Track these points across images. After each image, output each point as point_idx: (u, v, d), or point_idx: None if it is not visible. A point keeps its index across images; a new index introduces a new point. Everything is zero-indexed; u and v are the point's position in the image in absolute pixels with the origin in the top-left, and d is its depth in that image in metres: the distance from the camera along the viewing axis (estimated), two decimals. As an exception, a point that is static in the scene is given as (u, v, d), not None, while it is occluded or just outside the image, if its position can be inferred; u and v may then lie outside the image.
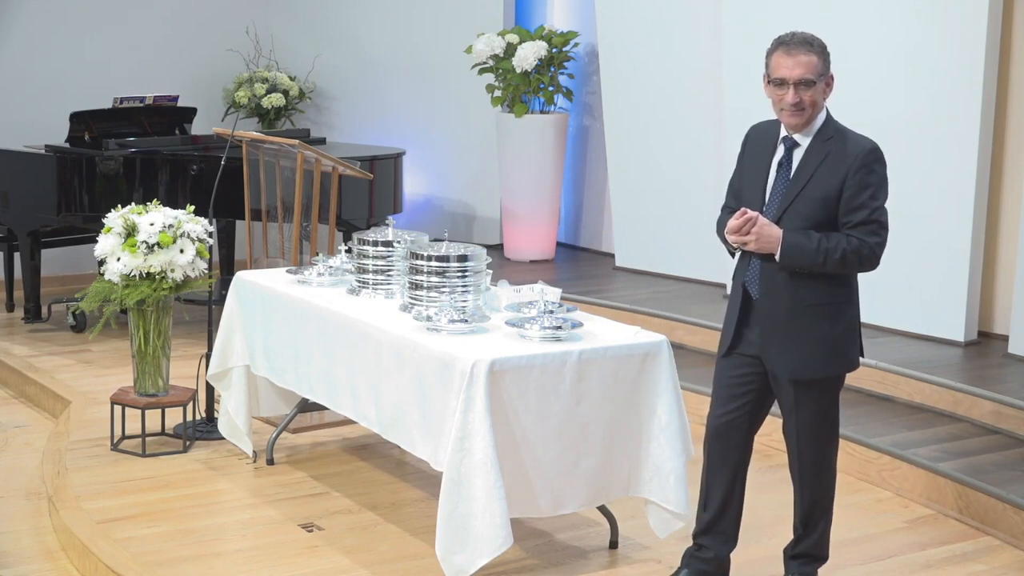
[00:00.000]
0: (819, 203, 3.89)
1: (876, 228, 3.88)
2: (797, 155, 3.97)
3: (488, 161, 9.12)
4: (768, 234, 3.89)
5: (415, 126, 9.56)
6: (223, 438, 5.50)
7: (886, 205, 3.94)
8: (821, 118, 3.97)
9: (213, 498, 5.05)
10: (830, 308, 3.96)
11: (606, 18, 8.39)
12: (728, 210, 4.14)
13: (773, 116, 4.06)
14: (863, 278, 6.80)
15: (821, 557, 4.22)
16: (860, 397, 6.04)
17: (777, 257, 3.90)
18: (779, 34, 4.08)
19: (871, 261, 3.90)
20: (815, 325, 3.95)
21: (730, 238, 3.96)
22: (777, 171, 4.00)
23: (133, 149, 7.49)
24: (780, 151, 4.00)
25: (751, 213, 3.92)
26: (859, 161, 3.88)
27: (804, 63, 3.91)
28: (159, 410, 5.56)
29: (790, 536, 4.47)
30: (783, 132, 4.01)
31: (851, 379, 6.11)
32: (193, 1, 9.54)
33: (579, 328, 4.34)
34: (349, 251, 5.19)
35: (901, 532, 4.89)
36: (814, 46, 3.94)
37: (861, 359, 4.16)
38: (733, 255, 4.13)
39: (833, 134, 3.95)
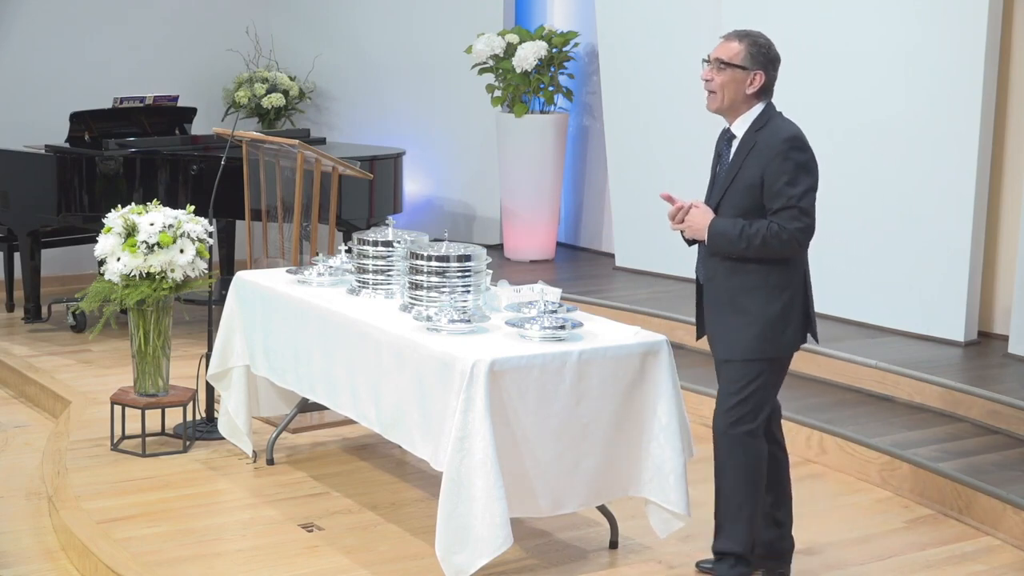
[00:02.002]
0: (746, 192, 4.04)
1: (796, 214, 3.97)
2: (733, 147, 4.12)
3: (488, 161, 9.12)
4: (698, 223, 4.09)
5: (415, 126, 9.56)
6: (223, 438, 5.50)
7: (813, 191, 4.01)
8: (756, 111, 4.10)
9: (213, 498, 5.05)
10: (762, 292, 4.05)
11: (606, 18, 8.38)
12: None
13: None
14: (863, 277, 6.84)
15: (744, 559, 4.15)
16: (860, 397, 6.04)
17: (706, 243, 4.09)
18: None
19: (791, 245, 3.99)
20: (747, 307, 4.06)
21: (670, 226, 4.16)
22: (719, 163, 4.19)
23: (133, 149, 7.49)
24: (724, 145, 4.18)
25: (681, 202, 4.13)
26: (775, 149, 3.99)
27: (724, 46, 4.12)
28: (159, 410, 5.56)
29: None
30: (727, 126, 4.17)
31: (851, 379, 6.14)
32: (193, 1, 9.54)
33: (579, 328, 4.34)
34: (349, 251, 5.19)
35: (901, 532, 4.89)
36: (744, 38, 4.12)
37: (815, 344, 4.23)
38: (690, 244, 4.27)
39: (764, 124, 4.07)
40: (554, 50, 8.49)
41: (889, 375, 6.01)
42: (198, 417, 5.73)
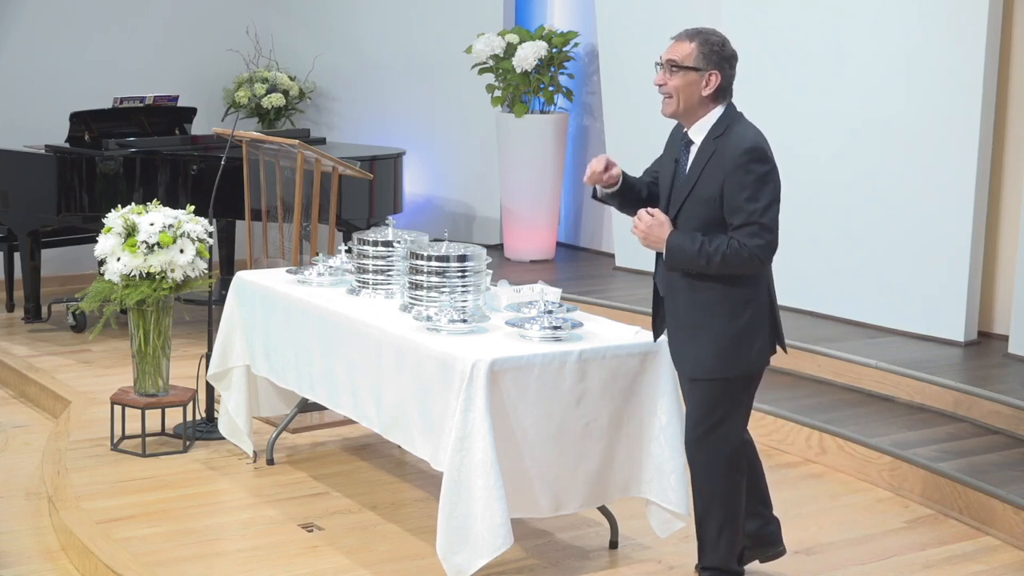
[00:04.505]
0: (706, 204, 3.87)
1: (757, 230, 3.79)
2: (691, 154, 3.94)
3: (488, 161, 9.12)
4: (656, 234, 3.91)
5: (415, 126, 9.56)
6: (223, 438, 5.50)
7: (775, 203, 3.84)
8: (715, 115, 3.92)
9: (213, 498, 5.05)
10: (725, 307, 3.89)
11: (606, 18, 8.39)
12: (647, 173, 4.22)
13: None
14: (863, 277, 6.83)
15: (731, 571, 4.09)
16: (860, 397, 6.04)
17: (664, 257, 3.93)
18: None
19: (753, 263, 3.82)
20: (710, 324, 3.90)
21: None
22: (675, 170, 4.00)
23: (133, 149, 7.49)
24: (682, 150, 4.00)
25: (602, 165, 4.03)
26: (734, 161, 3.81)
27: (675, 47, 3.94)
28: (159, 410, 5.55)
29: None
30: (685, 130, 4.00)
31: (852, 379, 6.14)
32: (193, 1, 9.54)
33: (579, 328, 4.34)
34: (349, 251, 5.19)
35: (901, 532, 4.89)
36: (695, 37, 3.93)
37: (783, 353, 4.08)
38: (595, 196, 4.15)
39: (723, 131, 3.88)
40: (554, 50, 8.49)
41: (889, 375, 6.01)
42: (198, 417, 5.73)
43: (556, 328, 4.26)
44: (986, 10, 6.22)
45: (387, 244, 4.92)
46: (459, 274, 4.54)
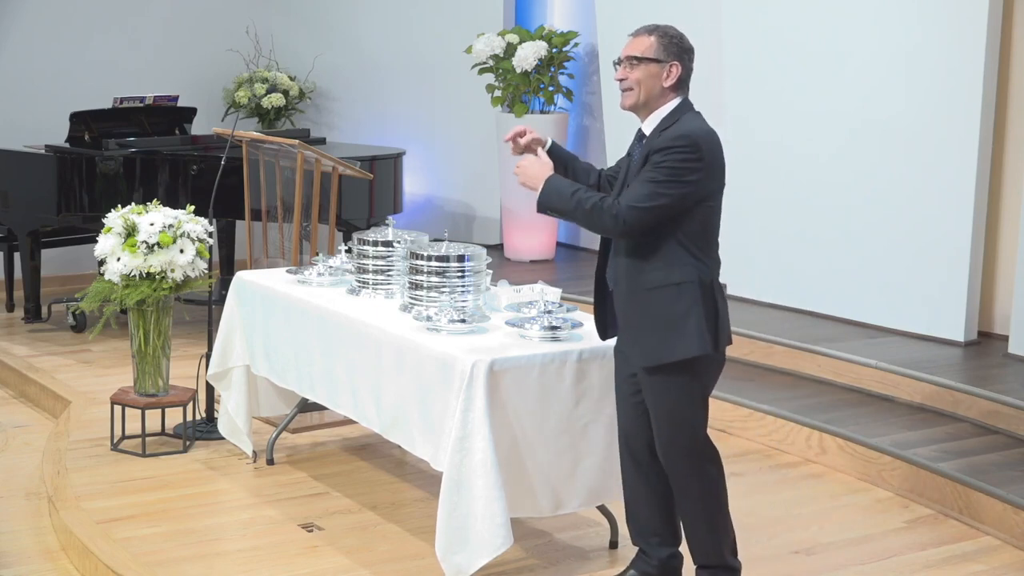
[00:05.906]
0: None
1: (639, 198, 3.74)
2: (643, 146, 3.91)
3: (488, 161, 9.12)
4: (535, 172, 3.99)
5: (415, 126, 9.56)
6: (223, 438, 5.50)
7: (676, 186, 3.73)
8: (669, 107, 3.88)
9: (213, 498, 5.05)
10: (666, 290, 3.81)
11: (606, 18, 8.39)
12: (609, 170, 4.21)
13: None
14: (864, 277, 6.83)
15: (728, 566, 4.03)
16: (860, 397, 6.04)
17: (537, 195, 3.94)
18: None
19: (615, 223, 3.76)
20: (653, 309, 3.83)
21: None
22: (628, 164, 3.98)
23: (133, 149, 7.49)
24: (635, 145, 3.98)
25: (533, 135, 4.18)
26: (664, 144, 3.76)
27: (634, 43, 3.95)
28: (159, 410, 5.56)
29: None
30: (640, 125, 3.98)
31: (852, 379, 6.14)
32: (193, 1, 9.54)
33: (579, 328, 4.34)
34: (349, 251, 5.19)
35: (901, 532, 4.89)
36: (654, 31, 3.96)
37: (714, 353, 3.91)
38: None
39: (672, 123, 3.84)
40: (554, 50, 8.49)
41: (889, 375, 6.01)
42: (198, 417, 5.73)
43: (556, 328, 4.26)
44: (986, 10, 6.22)
45: (387, 244, 4.92)
46: (459, 274, 4.55)
